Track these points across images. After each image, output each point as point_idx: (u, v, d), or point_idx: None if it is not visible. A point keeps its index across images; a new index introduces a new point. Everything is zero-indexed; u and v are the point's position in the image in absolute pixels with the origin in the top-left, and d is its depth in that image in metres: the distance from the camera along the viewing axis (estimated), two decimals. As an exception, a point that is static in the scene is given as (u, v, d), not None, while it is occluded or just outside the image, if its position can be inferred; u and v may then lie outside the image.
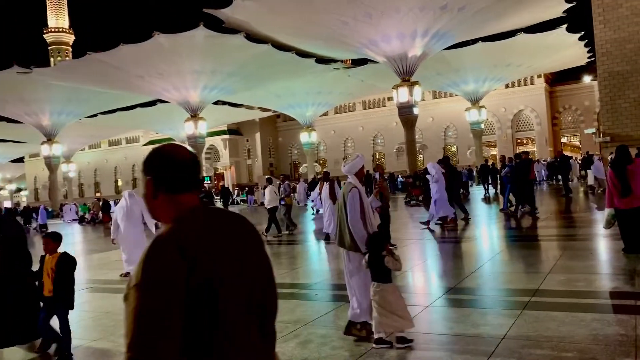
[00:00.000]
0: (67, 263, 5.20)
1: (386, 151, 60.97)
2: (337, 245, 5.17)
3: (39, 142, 43.45)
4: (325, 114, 54.97)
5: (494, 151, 55.20)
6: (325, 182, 13.82)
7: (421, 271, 8.54)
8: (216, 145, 66.19)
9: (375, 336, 4.66)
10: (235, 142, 67.17)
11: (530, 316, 5.20)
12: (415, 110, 30.63)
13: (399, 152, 52.69)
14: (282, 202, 15.75)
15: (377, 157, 61.64)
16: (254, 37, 29.02)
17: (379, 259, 4.69)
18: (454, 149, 59.22)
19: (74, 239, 21.68)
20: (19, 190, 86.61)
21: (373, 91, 49.16)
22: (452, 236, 12.21)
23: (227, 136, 65.49)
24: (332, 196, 13.04)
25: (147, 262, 1.48)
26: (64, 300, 5.13)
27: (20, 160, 78.47)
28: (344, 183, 5.58)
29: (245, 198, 41.80)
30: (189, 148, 1.75)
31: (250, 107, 52.23)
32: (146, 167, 1.69)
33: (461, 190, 26.96)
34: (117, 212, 9.91)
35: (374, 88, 43.64)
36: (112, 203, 31.67)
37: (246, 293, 1.65)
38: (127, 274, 9.80)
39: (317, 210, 22.89)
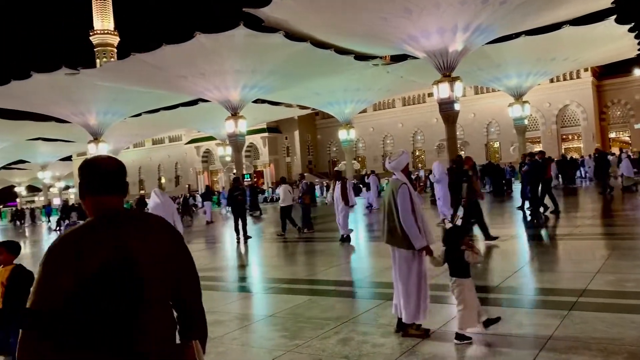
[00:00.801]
0: (21, 277, 4.41)
1: (426, 148, 60.31)
2: (386, 243, 5.11)
3: (86, 141, 44.84)
4: (364, 111, 54.72)
5: (538, 147, 53.80)
6: (337, 182, 13.38)
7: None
8: (256, 143, 66.93)
9: (458, 330, 4.61)
10: (274, 140, 67.76)
11: (578, 317, 5.05)
12: (457, 106, 30.12)
13: (439, 149, 51.97)
14: (300, 202, 15.83)
15: (417, 154, 61.03)
16: (293, 35, 29.14)
17: (458, 253, 4.65)
18: (496, 145, 58.07)
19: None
20: (67, 187, 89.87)
21: (413, 87, 48.62)
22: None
23: (266, 134, 66.13)
24: (344, 197, 12.85)
25: (52, 247, 1.80)
26: (13, 317, 4.28)
27: (68, 158, 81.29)
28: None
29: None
30: (115, 157, 2.06)
31: (289, 105, 52.49)
32: (78, 174, 2.02)
33: (504, 188, 26.57)
34: (155, 209, 10.15)
35: (414, 84, 43.13)
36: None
37: (155, 283, 1.84)
38: None
39: (371, 206, 23.08)
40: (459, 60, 28.89)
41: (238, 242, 14.50)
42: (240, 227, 14.81)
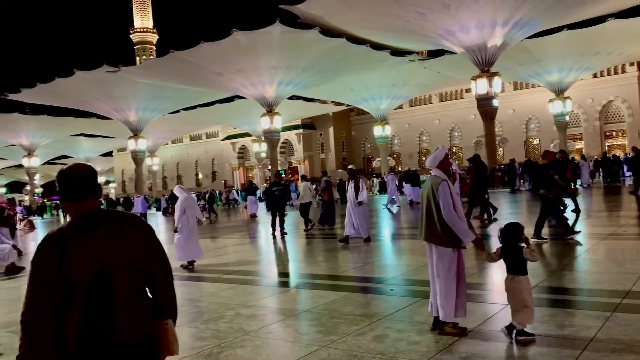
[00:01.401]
0: None
1: (464, 145, 59.38)
2: (424, 240, 5.05)
3: (126, 137, 46.00)
4: (400, 107, 54.24)
5: (579, 144, 52.32)
6: (350, 181, 12.57)
7: (500, 268, 8.25)
8: (290, 139, 67.20)
9: (518, 328, 4.53)
10: (308, 137, 67.88)
11: (622, 319, 4.89)
12: (495, 102, 29.60)
13: (477, 146, 51.10)
14: (320, 198, 15.93)
15: (455, 150, 60.16)
16: (329, 32, 29.12)
17: (516, 250, 4.60)
18: (535, 142, 56.73)
19: (157, 229, 22.79)
20: (107, 182, 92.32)
21: (450, 83, 47.93)
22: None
23: (301, 130, 66.29)
24: (357, 194, 12.18)
25: (38, 247, 2.13)
26: None
27: (109, 154, 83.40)
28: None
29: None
30: (86, 164, 2.32)
31: (323, 102, 52.48)
32: (56, 182, 2.25)
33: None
34: (185, 202, 10.53)
35: (451, 79, 42.53)
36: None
37: (126, 269, 2.16)
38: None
39: (412, 202, 23.08)
40: (498, 55, 28.35)
41: (274, 237, 14.61)
42: (277, 222, 14.95)
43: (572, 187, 12.44)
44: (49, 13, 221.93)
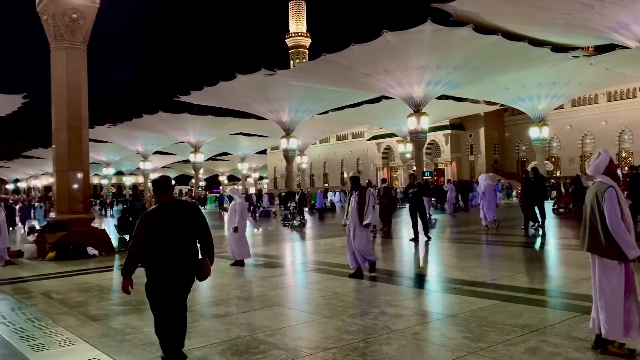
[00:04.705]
0: None
1: (635, 149, 53.31)
2: (586, 250, 4.65)
3: (279, 137, 48.64)
4: (560, 107, 50.20)
5: None
6: (354, 192, 9.38)
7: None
8: (437, 140, 65.78)
9: None
10: (457, 137, 65.87)
11: None
12: (676, 102, 26.10)
13: (650, 150, 45.48)
14: (379, 202, 16.94)
15: (624, 155, 54.26)
16: (483, 28, 27.94)
17: None
18: None
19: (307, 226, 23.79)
20: (261, 178, 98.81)
21: (620, 80, 43.26)
22: None
23: (449, 131, 64.58)
24: (360, 210, 9.07)
25: (143, 216, 4.39)
26: None
27: (263, 152, 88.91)
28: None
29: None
30: (164, 174, 4.75)
31: (474, 101, 50.47)
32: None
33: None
34: (242, 206, 11.46)
35: (622, 77, 38.34)
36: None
37: (179, 232, 4.33)
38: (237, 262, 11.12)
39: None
40: (683, 48, 24.92)
41: (414, 241, 14.16)
42: (419, 226, 14.48)
43: None
44: (216, 23, 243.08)
